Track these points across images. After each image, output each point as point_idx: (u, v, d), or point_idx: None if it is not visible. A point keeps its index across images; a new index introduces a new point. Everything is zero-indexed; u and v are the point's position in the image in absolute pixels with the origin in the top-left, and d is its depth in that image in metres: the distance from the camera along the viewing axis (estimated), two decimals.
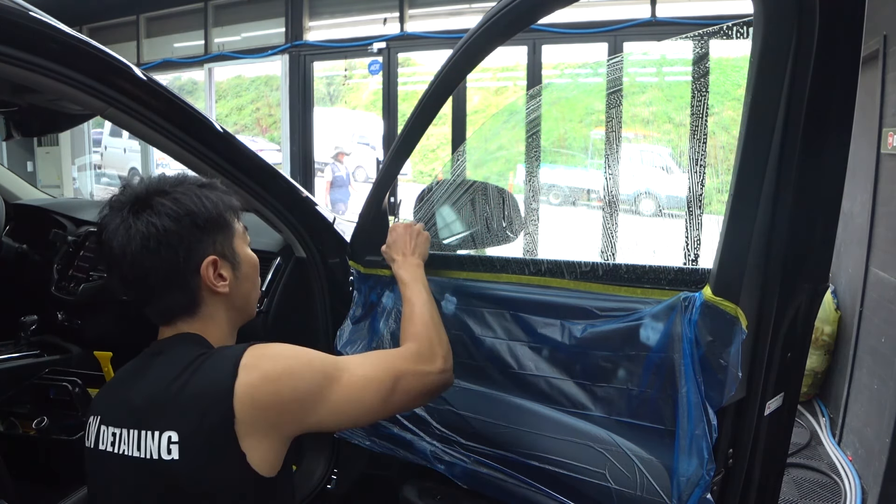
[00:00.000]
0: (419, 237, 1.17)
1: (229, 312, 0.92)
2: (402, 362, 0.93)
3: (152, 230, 0.82)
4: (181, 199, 0.85)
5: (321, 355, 0.87)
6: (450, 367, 0.99)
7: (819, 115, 0.77)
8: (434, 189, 1.31)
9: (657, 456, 0.89)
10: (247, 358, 0.81)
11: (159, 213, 0.83)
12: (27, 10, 0.94)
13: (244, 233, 0.95)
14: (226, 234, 0.89)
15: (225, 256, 0.89)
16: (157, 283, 0.85)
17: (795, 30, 0.73)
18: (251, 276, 0.95)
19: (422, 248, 1.16)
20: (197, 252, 0.85)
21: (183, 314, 0.88)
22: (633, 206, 3.42)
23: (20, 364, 1.64)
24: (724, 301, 0.79)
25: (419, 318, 1.03)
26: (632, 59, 1.83)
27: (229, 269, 0.90)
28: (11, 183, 2.21)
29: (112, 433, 0.82)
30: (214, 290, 0.87)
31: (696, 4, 4.78)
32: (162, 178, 0.88)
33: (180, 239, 0.84)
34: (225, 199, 0.90)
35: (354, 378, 0.87)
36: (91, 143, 8.00)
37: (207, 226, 0.86)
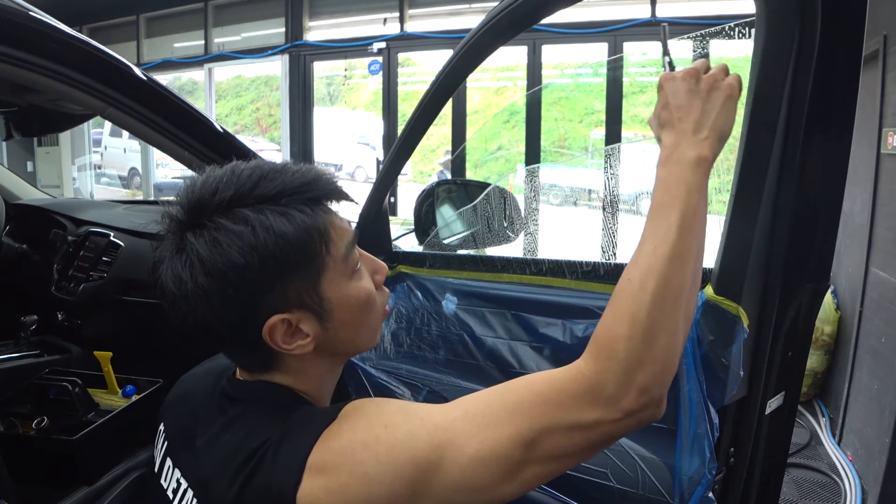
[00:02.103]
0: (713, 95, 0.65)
1: (325, 360, 0.68)
2: (550, 411, 0.57)
3: (184, 290, 0.60)
4: (223, 244, 0.58)
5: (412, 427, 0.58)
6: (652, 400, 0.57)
7: (820, 115, 0.77)
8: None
9: (659, 455, 0.89)
10: (315, 455, 0.57)
11: (192, 266, 0.59)
12: (27, 10, 0.94)
13: (346, 256, 0.65)
14: (306, 274, 0.62)
15: (305, 307, 0.63)
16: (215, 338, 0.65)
17: (797, 30, 0.73)
18: (356, 317, 0.67)
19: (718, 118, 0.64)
20: (254, 312, 0.61)
21: (260, 370, 0.67)
22: (634, 206, 3.42)
23: (20, 364, 1.64)
24: (725, 300, 0.79)
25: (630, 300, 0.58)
26: (632, 60, 1.83)
27: (313, 321, 0.63)
28: (11, 183, 2.21)
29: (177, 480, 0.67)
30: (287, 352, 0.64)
31: (696, 4, 4.78)
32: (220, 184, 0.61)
33: (225, 299, 0.59)
34: (305, 222, 0.61)
35: (462, 460, 0.56)
36: (91, 143, 7.99)
37: (266, 276, 0.60)
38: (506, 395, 0.59)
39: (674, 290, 0.58)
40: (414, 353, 1.23)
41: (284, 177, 0.62)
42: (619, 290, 0.60)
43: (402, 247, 1.39)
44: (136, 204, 2.42)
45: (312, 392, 0.69)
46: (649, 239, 0.60)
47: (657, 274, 0.58)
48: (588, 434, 0.57)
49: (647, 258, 0.59)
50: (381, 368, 1.23)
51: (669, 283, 0.58)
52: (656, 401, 0.58)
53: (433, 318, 1.20)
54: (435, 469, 0.56)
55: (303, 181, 0.63)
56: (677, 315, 0.58)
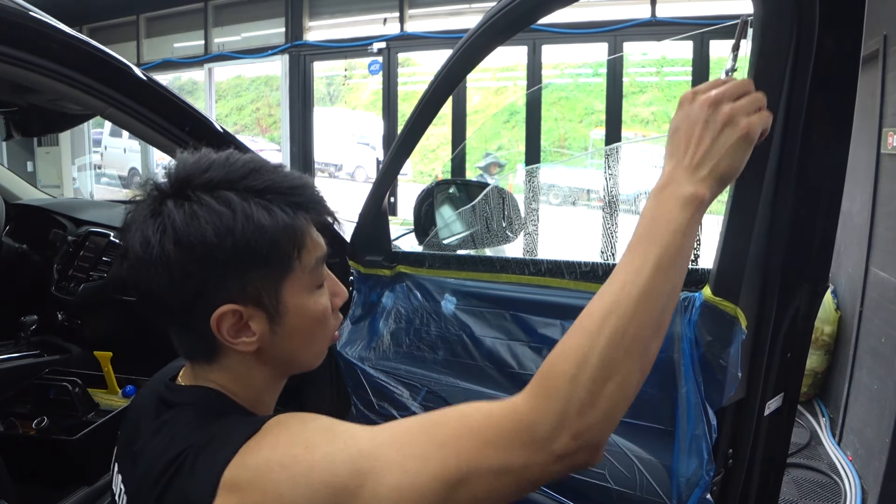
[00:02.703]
0: (727, 130, 0.59)
1: (264, 367, 0.66)
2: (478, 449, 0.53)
3: (148, 252, 0.58)
4: (201, 219, 0.58)
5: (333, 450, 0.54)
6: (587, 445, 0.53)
7: (819, 115, 0.77)
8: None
9: (657, 456, 0.89)
10: (230, 471, 0.54)
11: (163, 231, 0.58)
12: (27, 10, 0.94)
13: (314, 269, 0.64)
14: (271, 273, 0.61)
15: (260, 304, 0.61)
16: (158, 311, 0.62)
17: (795, 29, 0.73)
18: (305, 330, 0.65)
19: (723, 158, 0.59)
20: (209, 295, 0.59)
21: (201, 359, 0.65)
22: (634, 206, 3.42)
23: (20, 364, 1.64)
24: (723, 301, 0.79)
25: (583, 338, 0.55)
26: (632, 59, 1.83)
27: (263, 321, 0.62)
28: (11, 183, 2.21)
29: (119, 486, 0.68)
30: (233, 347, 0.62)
31: (696, 4, 4.79)
32: (213, 164, 0.62)
33: (185, 275, 0.58)
34: (285, 221, 0.60)
35: (382, 490, 0.52)
36: (91, 143, 8.00)
37: (233, 263, 0.59)
38: (437, 426, 0.55)
39: (634, 335, 0.54)
40: (413, 354, 1.23)
41: (276, 175, 0.62)
42: (577, 322, 0.56)
43: (401, 247, 1.39)
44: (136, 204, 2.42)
45: (249, 399, 0.66)
46: (620, 274, 0.56)
47: (620, 314, 0.54)
48: (517, 478, 0.53)
49: (614, 295, 0.55)
50: (379, 368, 1.23)
51: (630, 326, 0.53)
52: (592, 447, 0.53)
53: (432, 318, 1.20)
54: (352, 497, 0.52)
55: (292, 184, 0.62)
56: (633, 363, 0.54)
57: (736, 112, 0.60)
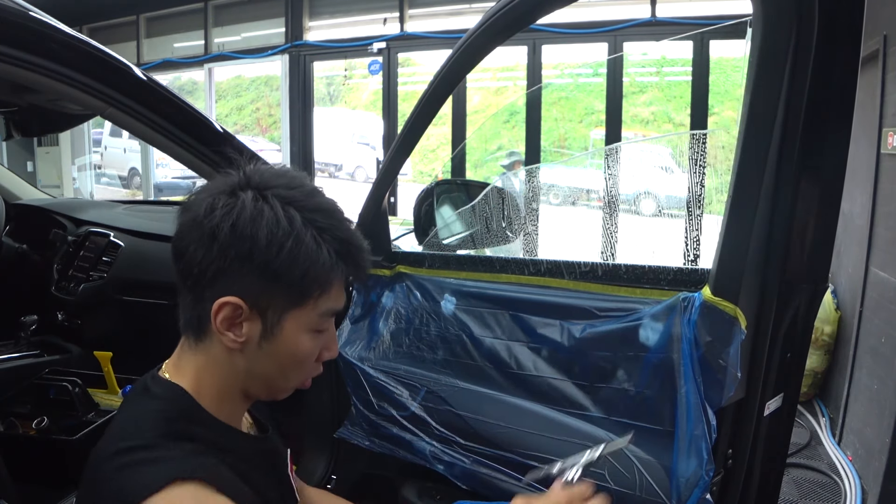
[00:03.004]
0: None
1: (238, 371, 0.69)
2: None
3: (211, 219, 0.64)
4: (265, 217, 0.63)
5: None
6: None
7: (818, 115, 0.77)
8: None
9: (656, 456, 0.89)
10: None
11: (231, 210, 0.64)
12: (27, 10, 0.94)
13: (322, 316, 0.69)
14: (286, 298, 0.66)
15: (261, 314, 0.66)
16: (183, 273, 0.67)
17: (794, 30, 0.73)
18: (283, 361, 0.69)
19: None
20: (226, 282, 0.64)
21: (191, 335, 0.70)
22: (633, 206, 3.42)
23: (20, 364, 1.64)
24: (723, 301, 0.79)
25: None
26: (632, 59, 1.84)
27: (257, 330, 0.67)
28: (11, 183, 2.21)
29: None
30: (219, 337, 0.67)
31: (696, 4, 4.78)
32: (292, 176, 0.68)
33: (221, 254, 0.64)
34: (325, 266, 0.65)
35: None
36: (91, 143, 7.99)
37: (262, 270, 0.64)
38: None
39: None
40: (412, 354, 1.23)
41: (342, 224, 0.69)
42: None
43: (401, 247, 1.39)
44: (136, 204, 2.42)
45: (214, 402, 0.69)
46: None
47: None
48: None
49: None
50: (379, 369, 1.23)
51: None
52: None
53: (432, 318, 1.20)
54: None
55: (350, 238, 0.68)
56: None
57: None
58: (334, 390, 1.37)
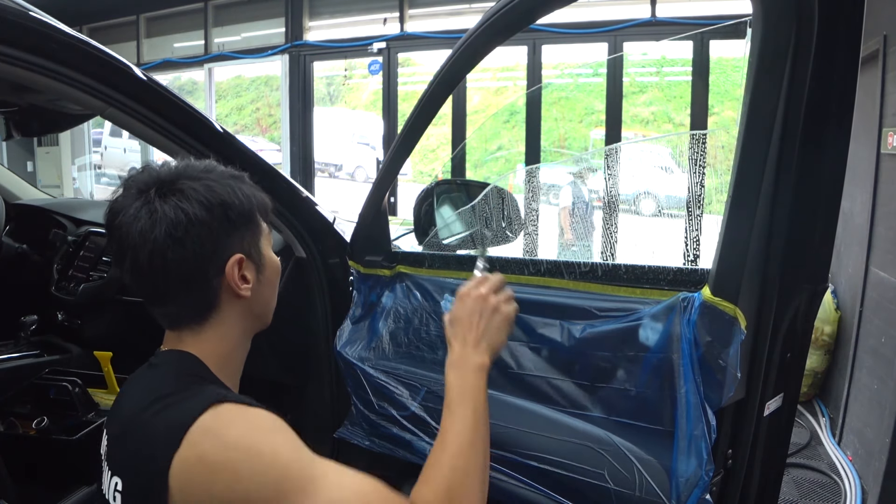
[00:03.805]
0: (494, 316, 0.85)
1: (246, 320, 0.82)
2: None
3: (181, 217, 0.72)
4: (214, 188, 0.76)
5: (289, 462, 0.67)
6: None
7: (818, 115, 0.77)
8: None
9: (656, 456, 0.89)
10: (201, 422, 0.67)
11: (190, 199, 0.73)
12: (27, 10, 0.94)
13: (269, 234, 0.86)
14: (254, 232, 0.81)
15: (251, 256, 0.80)
16: (176, 278, 0.75)
17: (794, 29, 0.73)
18: (273, 281, 0.85)
19: (496, 337, 0.84)
20: (225, 248, 0.77)
21: (192, 321, 0.79)
22: (633, 206, 3.42)
23: (20, 364, 1.64)
24: (722, 301, 0.79)
25: (448, 459, 0.76)
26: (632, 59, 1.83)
27: (253, 270, 0.80)
28: (11, 183, 2.21)
29: (105, 444, 0.79)
30: (237, 292, 0.78)
31: (696, 4, 4.78)
32: (190, 163, 0.80)
33: (210, 231, 0.74)
34: (257, 195, 0.81)
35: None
36: (91, 143, 8.00)
37: (239, 220, 0.78)
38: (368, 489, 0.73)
39: (477, 462, 0.77)
40: (412, 354, 1.23)
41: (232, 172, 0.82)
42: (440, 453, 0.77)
43: (401, 247, 1.39)
44: None
45: (220, 360, 0.80)
46: (452, 427, 0.78)
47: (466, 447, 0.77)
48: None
49: (454, 442, 0.77)
50: (379, 369, 1.23)
51: (470, 460, 0.76)
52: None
53: (432, 318, 1.20)
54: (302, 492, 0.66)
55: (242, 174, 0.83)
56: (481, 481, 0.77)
57: (499, 303, 0.86)
58: (334, 390, 1.37)
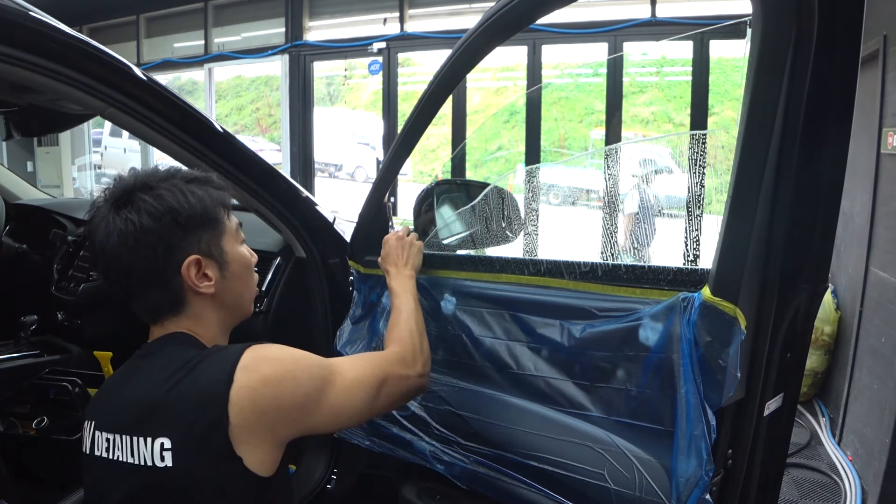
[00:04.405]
0: (411, 248, 1.19)
1: (218, 312, 0.90)
2: (387, 365, 0.96)
3: (130, 227, 0.81)
4: (164, 196, 0.83)
5: (317, 358, 0.87)
6: (427, 372, 1.03)
7: (818, 115, 0.77)
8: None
9: (656, 456, 0.89)
10: (245, 359, 0.79)
11: (139, 210, 0.81)
12: (27, 10, 0.94)
13: (237, 230, 0.92)
14: (213, 231, 0.87)
15: (211, 255, 0.87)
16: (137, 281, 0.84)
17: (794, 29, 0.73)
18: (242, 275, 0.92)
19: (414, 259, 1.18)
20: (178, 251, 0.83)
21: (169, 313, 0.87)
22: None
23: (20, 364, 1.64)
24: (722, 301, 0.79)
25: (405, 325, 1.06)
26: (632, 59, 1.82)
27: (215, 268, 0.87)
28: (11, 183, 2.21)
29: (106, 439, 0.81)
30: (197, 290, 0.86)
31: (696, 4, 4.78)
32: (151, 171, 0.87)
33: (159, 238, 0.82)
34: (214, 195, 0.88)
35: (347, 381, 0.88)
36: (91, 143, 8.00)
37: (190, 224, 0.84)
38: (364, 356, 1.05)
39: (420, 323, 1.09)
40: None
41: (195, 171, 0.91)
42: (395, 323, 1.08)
43: None
44: None
45: (210, 341, 0.88)
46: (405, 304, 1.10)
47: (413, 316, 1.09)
48: (406, 382, 0.98)
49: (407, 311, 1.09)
50: None
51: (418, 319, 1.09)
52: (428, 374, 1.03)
53: (432, 318, 1.20)
54: (331, 384, 0.86)
55: (208, 175, 0.91)
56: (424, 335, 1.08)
57: (411, 240, 1.20)
58: None
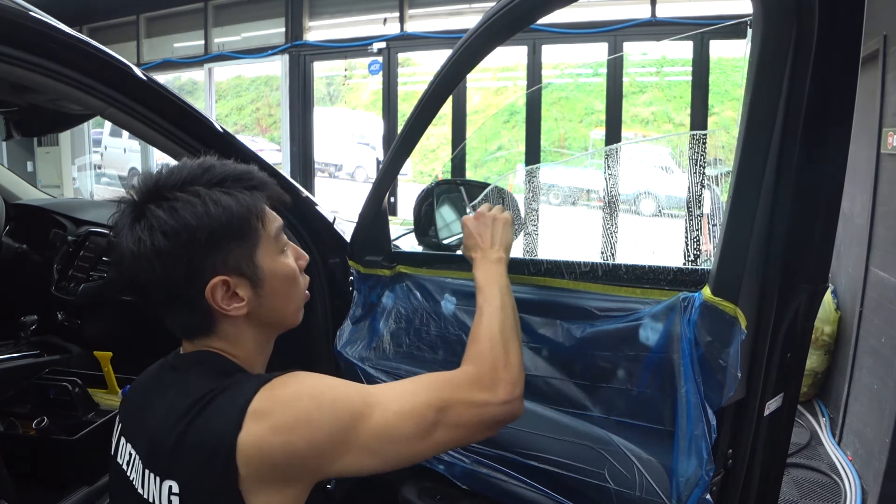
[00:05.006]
0: (495, 224, 1.00)
1: (255, 330, 0.79)
2: (451, 389, 0.77)
3: (142, 248, 0.70)
4: (179, 210, 0.70)
5: (349, 390, 0.73)
6: (517, 395, 0.81)
7: (818, 115, 0.77)
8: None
9: (656, 456, 0.89)
10: (257, 402, 0.68)
11: (151, 229, 0.70)
12: (27, 10, 0.94)
13: (277, 236, 0.79)
14: (243, 245, 0.74)
15: (242, 273, 0.74)
16: (158, 303, 0.75)
17: (794, 29, 0.73)
18: (282, 289, 0.79)
19: (502, 236, 0.99)
20: (200, 272, 0.72)
21: (199, 334, 0.77)
22: (634, 206, 3.42)
23: (20, 364, 1.64)
24: (723, 301, 0.79)
25: (485, 331, 0.86)
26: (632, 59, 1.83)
27: (247, 287, 0.75)
28: (11, 183, 2.21)
29: (129, 452, 0.77)
30: (226, 314, 0.75)
31: (696, 4, 4.78)
32: (172, 172, 0.74)
33: (176, 259, 0.70)
34: (244, 200, 0.74)
35: (389, 414, 0.72)
36: (91, 143, 8.00)
37: (213, 240, 0.71)
38: (419, 379, 0.80)
39: (508, 327, 0.88)
40: (413, 354, 1.23)
41: (228, 167, 0.77)
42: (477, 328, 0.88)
43: (401, 247, 1.39)
44: None
45: (245, 360, 0.79)
46: (487, 301, 0.90)
47: (497, 317, 0.88)
48: (479, 411, 0.78)
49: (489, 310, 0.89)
50: (380, 368, 1.23)
51: (504, 322, 0.88)
52: (519, 397, 0.82)
53: (432, 318, 1.20)
54: (364, 419, 0.71)
55: (243, 171, 0.77)
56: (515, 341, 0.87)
57: (494, 214, 1.02)
58: None
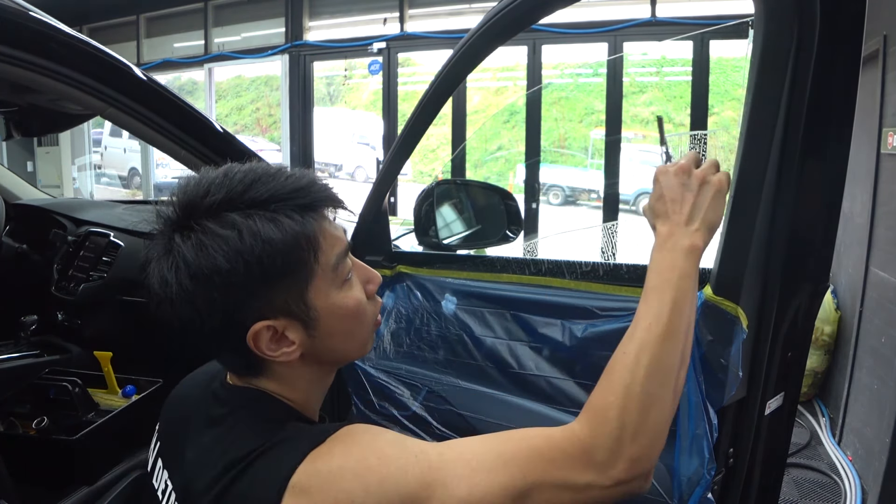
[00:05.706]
0: (704, 189, 0.69)
1: (310, 369, 0.66)
2: (544, 466, 0.58)
3: (169, 292, 0.59)
4: (209, 248, 0.57)
5: (406, 462, 0.57)
6: (640, 473, 0.60)
7: (820, 115, 0.77)
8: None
9: None
10: (298, 476, 0.55)
11: (177, 269, 0.58)
12: (27, 10, 0.94)
13: (337, 265, 0.63)
14: (293, 283, 0.60)
15: (291, 315, 0.61)
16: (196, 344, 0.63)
17: (796, 29, 0.73)
18: (342, 328, 0.65)
19: (709, 212, 0.68)
20: (239, 316, 0.59)
21: (247, 374, 0.65)
22: (634, 206, 3.42)
23: (20, 364, 1.64)
24: (724, 300, 0.79)
25: (626, 373, 0.61)
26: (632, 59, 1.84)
27: (299, 329, 0.62)
28: (11, 183, 2.21)
29: (165, 482, 0.67)
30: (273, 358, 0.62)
31: (696, 4, 4.78)
32: (211, 186, 0.60)
33: (209, 304, 0.58)
34: (291, 228, 0.59)
35: (452, 501, 0.56)
36: (91, 143, 7.99)
37: (253, 282, 0.58)
38: (502, 444, 0.60)
39: (665, 367, 0.62)
40: (413, 353, 1.23)
41: (277, 182, 0.61)
42: (615, 361, 0.63)
43: (402, 247, 1.39)
44: (136, 204, 2.42)
45: (299, 400, 0.67)
46: (644, 317, 0.64)
47: (650, 350, 0.62)
48: (577, 496, 0.59)
49: (642, 335, 0.63)
50: (380, 368, 1.23)
51: (662, 359, 0.62)
52: (645, 474, 0.60)
53: (433, 318, 1.20)
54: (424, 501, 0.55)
55: (295, 187, 0.61)
56: (668, 391, 0.62)
57: (705, 173, 0.70)
58: (335, 390, 1.37)
